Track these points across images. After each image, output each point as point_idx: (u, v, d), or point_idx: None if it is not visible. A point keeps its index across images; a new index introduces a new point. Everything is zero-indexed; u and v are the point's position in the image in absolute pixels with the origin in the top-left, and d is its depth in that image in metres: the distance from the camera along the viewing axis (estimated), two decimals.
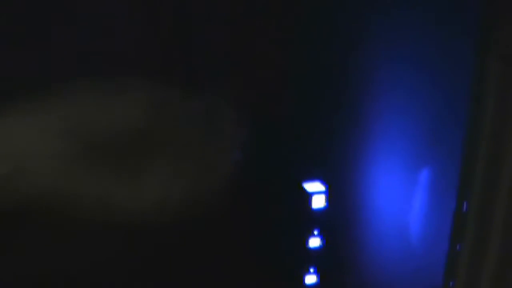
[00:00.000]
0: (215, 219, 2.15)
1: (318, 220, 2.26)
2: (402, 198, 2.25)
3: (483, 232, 1.99)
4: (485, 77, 1.86)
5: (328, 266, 2.32)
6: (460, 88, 2.11)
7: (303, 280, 2.34)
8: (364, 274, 2.36)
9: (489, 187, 1.87)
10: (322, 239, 2.28)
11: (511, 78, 1.80)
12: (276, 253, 2.29)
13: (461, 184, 2.08)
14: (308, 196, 2.22)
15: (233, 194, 2.14)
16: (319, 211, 2.25)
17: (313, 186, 2.23)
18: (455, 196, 2.12)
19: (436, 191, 2.20)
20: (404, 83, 2.15)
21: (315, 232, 2.27)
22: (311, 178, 2.22)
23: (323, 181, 2.23)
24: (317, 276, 2.34)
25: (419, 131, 2.19)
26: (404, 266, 2.31)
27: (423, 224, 2.24)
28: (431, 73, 2.12)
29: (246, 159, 2.13)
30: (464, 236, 2.10)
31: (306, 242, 2.28)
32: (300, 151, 2.22)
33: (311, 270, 2.33)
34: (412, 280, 2.30)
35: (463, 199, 2.07)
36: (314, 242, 2.29)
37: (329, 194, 2.23)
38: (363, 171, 2.26)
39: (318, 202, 2.24)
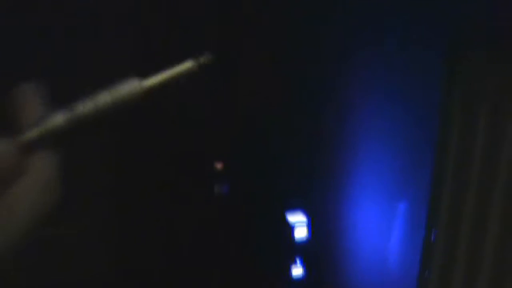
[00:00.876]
0: (200, 250, 2.27)
1: (300, 250, 2.38)
2: (379, 228, 2.38)
3: (448, 259, 2.11)
4: (449, 124, 2.02)
5: None
6: (428, 135, 2.25)
7: None
8: None
9: (454, 219, 2.01)
10: (304, 268, 2.40)
11: (471, 125, 1.96)
12: (260, 283, 2.40)
13: (429, 216, 2.21)
14: (291, 227, 2.35)
15: (218, 225, 2.27)
16: (301, 241, 2.37)
17: (296, 217, 2.36)
18: (425, 227, 2.24)
19: (408, 223, 2.33)
20: (380, 129, 2.31)
21: (297, 262, 2.40)
22: (294, 209, 2.36)
23: (306, 212, 2.37)
24: None
25: (395, 171, 2.33)
26: None
27: (398, 252, 2.36)
28: (401, 120, 2.28)
29: (231, 191, 2.27)
30: (432, 263, 2.21)
31: (289, 271, 2.40)
32: (283, 184, 2.37)
33: None
34: None
35: (431, 229, 2.20)
36: (297, 271, 2.41)
37: (312, 225, 2.37)
38: (344, 204, 2.40)
39: (301, 232, 2.37)
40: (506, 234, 1.92)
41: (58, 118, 0.50)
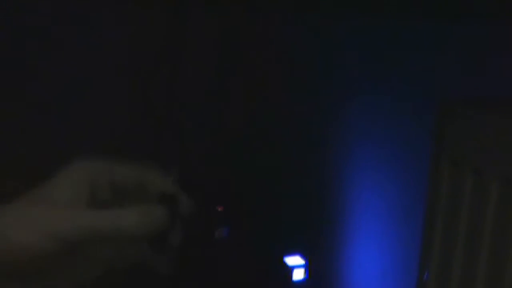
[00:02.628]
0: None
1: None
2: (373, 270, 2.37)
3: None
4: (438, 179, 2.11)
5: None
6: (420, 182, 2.32)
7: None
8: None
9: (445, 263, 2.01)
10: None
11: (459, 179, 2.04)
12: None
13: (422, 257, 2.20)
14: (290, 269, 2.47)
15: (218, 268, 2.49)
16: (299, 282, 2.46)
17: (294, 260, 2.49)
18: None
19: (402, 265, 2.29)
20: (375, 178, 2.43)
21: None
22: (292, 252, 2.50)
23: (303, 255, 2.49)
24: None
25: (387, 217, 2.38)
26: None
27: None
28: (394, 175, 2.39)
29: (232, 236, 2.52)
30: None
31: None
32: (281, 228, 2.56)
33: None
34: None
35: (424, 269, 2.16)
36: None
37: (309, 267, 2.46)
38: (340, 246, 2.47)
39: (298, 274, 2.47)
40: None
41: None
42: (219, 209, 2.55)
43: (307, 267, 2.47)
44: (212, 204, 2.56)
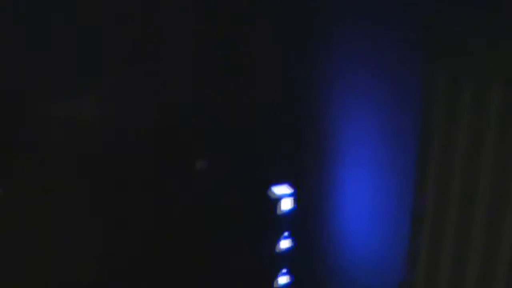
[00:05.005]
0: (184, 226, 2.39)
1: (286, 222, 2.39)
2: (364, 199, 2.30)
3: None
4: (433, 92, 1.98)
5: (299, 265, 2.37)
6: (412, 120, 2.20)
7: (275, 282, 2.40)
8: (334, 271, 2.34)
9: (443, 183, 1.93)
10: (292, 240, 2.38)
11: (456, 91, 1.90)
12: (247, 257, 2.41)
13: (417, 178, 2.12)
14: (276, 199, 2.39)
15: (202, 201, 2.39)
16: (287, 213, 2.39)
17: (281, 190, 2.40)
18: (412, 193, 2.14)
19: (395, 193, 2.21)
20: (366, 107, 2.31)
21: (285, 234, 2.39)
22: (280, 181, 2.41)
23: (291, 184, 2.40)
24: (290, 277, 2.38)
25: (383, 141, 2.28)
26: (366, 261, 2.26)
27: (384, 224, 2.23)
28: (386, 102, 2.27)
29: (213, 167, 2.41)
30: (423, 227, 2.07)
31: (277, 244, 2.39)
32: (268, 156, 2.46)
33: (283, 271, 2.39)
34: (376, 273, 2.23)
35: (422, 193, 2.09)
36: (285, 244, 2.39)
37: (297, 197, 2.38)
38: (330, 174, 2.39)
39: (286, 205, 2.39)
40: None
41: None
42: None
43: (295, 197, 2.39)
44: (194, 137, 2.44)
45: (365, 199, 2.28)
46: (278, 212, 2.37)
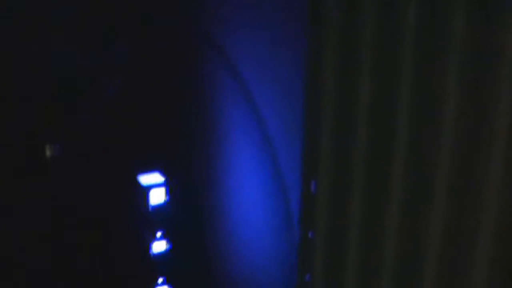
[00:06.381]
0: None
1: (159, 218, 1.94)
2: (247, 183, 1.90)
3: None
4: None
5: (175, 270, 1.92)
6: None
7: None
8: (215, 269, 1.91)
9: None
10: (167, 241, 1.93)
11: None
12: (110, 261, 1.95)
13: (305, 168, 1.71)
14: (145, 189, 1.93)
15: (54, 192, 1.93)
16: (158, 207, 1.94)
17: (151, 178, 1.96)
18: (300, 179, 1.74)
19: (280, 187, 1.82)
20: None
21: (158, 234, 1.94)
22: (149, 169, 1.97)
23: (163, 173, 1.97)
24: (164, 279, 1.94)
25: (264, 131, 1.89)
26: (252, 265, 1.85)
27: (271, 220, 1.83)
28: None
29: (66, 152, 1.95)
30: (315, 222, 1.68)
31: (149, 246, 1.94)
32: (137, 143, 2.02)
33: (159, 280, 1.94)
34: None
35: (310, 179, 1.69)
36: (159, 246, 1.94)
37: (170, 187, 1.94)
38: (207, 167, 1.98)
39: (158, 195, 1.94)
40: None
41: None
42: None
43: (168, 187, 1.94)
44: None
45: (251, 194, 1.88)
46: (149, 205, 1.91)
